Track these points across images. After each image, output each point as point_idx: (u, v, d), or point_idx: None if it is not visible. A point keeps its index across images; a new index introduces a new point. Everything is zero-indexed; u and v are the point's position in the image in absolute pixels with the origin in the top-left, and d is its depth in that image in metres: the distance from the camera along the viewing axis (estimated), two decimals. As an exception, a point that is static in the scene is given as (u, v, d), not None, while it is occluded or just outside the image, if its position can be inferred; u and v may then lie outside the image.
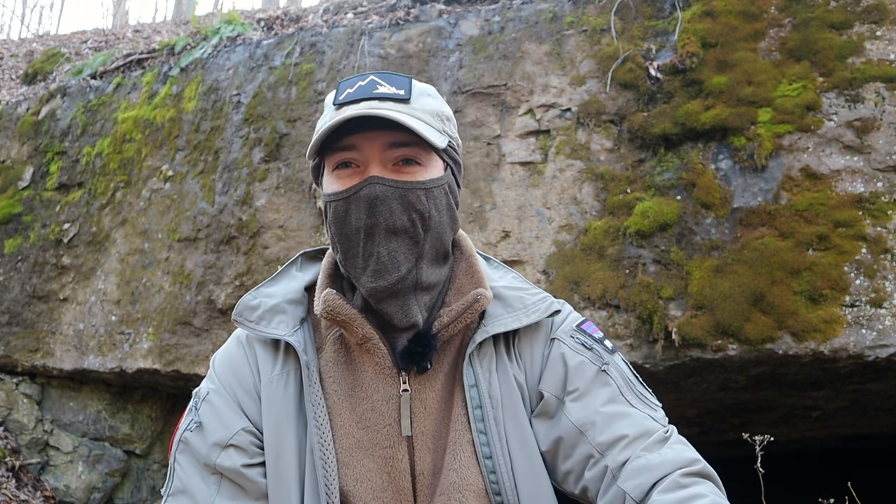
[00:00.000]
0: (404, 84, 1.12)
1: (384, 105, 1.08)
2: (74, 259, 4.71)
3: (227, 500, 1.11)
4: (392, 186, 1.09)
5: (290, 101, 4.25)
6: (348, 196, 1.10)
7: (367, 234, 1.09)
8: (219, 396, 1.18)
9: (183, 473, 1.14)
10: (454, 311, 1.14)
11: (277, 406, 1.14)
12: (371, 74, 1.13)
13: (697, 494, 0.98)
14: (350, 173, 1.11)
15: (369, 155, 1.10)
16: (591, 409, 1.10)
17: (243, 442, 1.13)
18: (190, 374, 4.09)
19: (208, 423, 1.15)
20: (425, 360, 1.12)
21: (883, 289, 2.88)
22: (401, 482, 1.11)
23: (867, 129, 3.07)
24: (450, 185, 1.17)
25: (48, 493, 4.52)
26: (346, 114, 1.07)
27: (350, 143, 1.10)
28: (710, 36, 3.45)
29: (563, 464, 1.12)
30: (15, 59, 7.21)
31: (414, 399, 1.13)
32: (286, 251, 3.98)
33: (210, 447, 1.13)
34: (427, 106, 1.14)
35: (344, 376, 1.16)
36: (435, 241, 1.15)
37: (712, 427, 4.53)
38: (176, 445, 1.16)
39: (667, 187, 3.30)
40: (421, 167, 1.12)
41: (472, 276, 1.20)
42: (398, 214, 1.09)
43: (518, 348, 1.19)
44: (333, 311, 1.12)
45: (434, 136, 1.10)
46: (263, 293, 1.22)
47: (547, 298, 1.21)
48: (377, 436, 1.12)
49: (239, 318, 1.19)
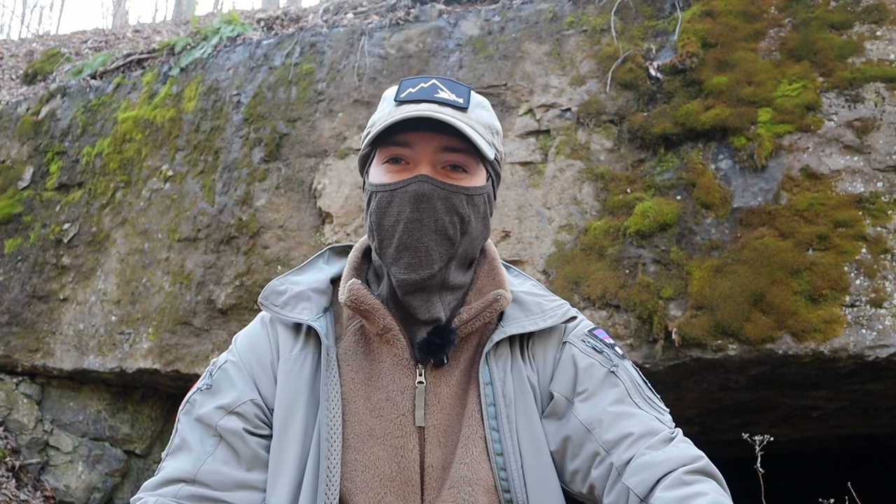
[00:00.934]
0: (464, 93, 1.17)
1: (444, 110, 1.12)
2: (74, 259, 4.71)
3: (220, 462, 1.13)
4: (439, 187, 1.13)
5: (290, 101, 4.25)
6: (395, 189, 1.14)
7: (406, 228, 1.13)
8: (235, 367, 1.22)
9: (183, 430, 1.17)
10: (474, 309, 1.18)
11: (290, 384, 1.17)
12: (433, 78, 1.17)
13: (700, 492, 0.99)
14: (400, 169, 1.15)
15: (422, 154, 1.14)
16: (599, 409, 1.13)
17: (248, 412, 1.17)
18: (190, 374, 4.09)
19: (219, 387, 1.19)
20: (442, 353, 1.15)
21: (883, 289, 2.88)
22: (409, 473, 1.13)
23: (867, 129, 3.07)
24: (489, 195, 1.22)
25: (48, 493, 4.52)
26: (408, 111, 1.11)
27: (405, 140, 1.14)
28: (710, 36, 3.45)
29: (571, 463, 1.14)
30: (15, 59, 7.21)
31: (429, 391, 1.16)
32: (286, 251, 3.98)
33: (215, 409, 1.16)
34: (482, 118, 1.19)
35: (361, 365, 1.19)
36: (468, 246, 1.19)
37: (712, 427, 4.53)
38: (182, 406, 1.20)
39: (667, 187, 3.30)
40: (467, 175, 1.16)
41: (494, 279, 1.24)
42: (441, 214, 1.13)
43: (532, 351, 1.22)
44: (357, 301, 1.16)
45: (485, 147, 1.15)
46: (290, 280, 1.27)
47: (564, 305, 1.25)
48: (389, 425, 1.14)
49: (265, 302, 1.23)
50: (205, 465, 1.12)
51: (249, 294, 3.97)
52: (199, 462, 1.12)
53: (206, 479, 1.11)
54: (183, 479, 1.11)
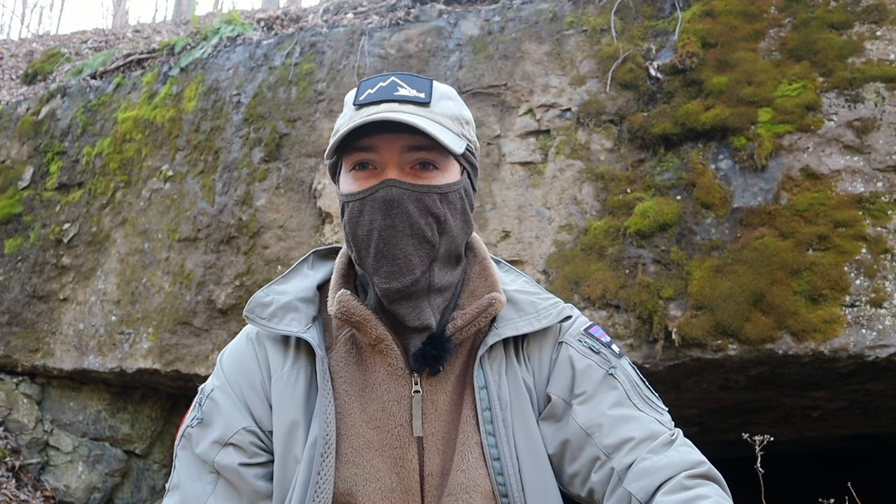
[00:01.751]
0: (425, 87, 1.12)
1: (404, 108, 1.09)
2: (74, 259, 4.71)
3: (221, 500, 1.11)
4: (408, 190, 1.09)
5: (290, 101, 4.25)
6: (364, 197, 1.10)
7: (380, 236, 1.09)
8: (223, 394, 1.18)
9: (182, 469, 1.15)
10: (468, 315, 1.14)
11: (286, 403, 1.14)
12: (392, 76, 1.12)
13: (701, 496, 0.99)
14: (367, 175, 1.11)
15: (387, 157, 1.10)
16: (598, 412, 1.11)
17: (243, 441, 1.14)
18: (190, 374, 4.09)
19: (210, 419, 1.16)
20: (440, 363, 1.12)
21: (883, 289, 2.88)
22: (409, 482, 1.11)
23: (867, 129, 3.07)
24: (466, 189, 1.18)
25: (48, 493, 4.52)
26: (365, 116, 1.07)
27: (368, 144, 1.10)
28: (710, 36, 3.45)
29: (570, 466, 1.12)
30: (15, 59, 7.21)
31: (425, 400, 1.14)
32: (286, 251, 3.98)
33: (210, 444, 1.14)
34: (447, 110, 1.14)
35: (354, 376, 1.16)
36: (449, 245, 1.15)
37: (712, 427, 4.53)
38: (178, 440, 1.18)
39: (667, 187, 3.30)
40: (438, 171, 1.12)
41: (486, 280, 1.21)
42: (415, 217, 1.09)
43: (527, 351, 1.20)
44: (348, 313, 1.12)
45: (452, 142, 1.10)
46: (275, 290, 1.22)
47: (558, 304, 1.22)
48: (388, 436, 1.12)
49: (251, 315, 1.19)
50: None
51: (249, 294, 3.97)
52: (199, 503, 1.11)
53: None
54: None
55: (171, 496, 1.14)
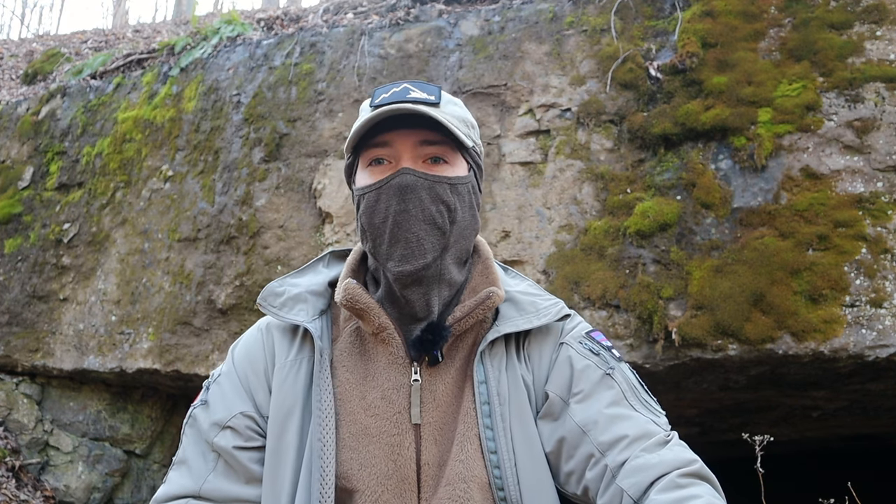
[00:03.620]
0: (434, 91, 1.20)
1: (417, 107, 1.15)
2: (74, 259, 4.71)
3: (220, 477, 1.18)
4: (422, 178, 1.16)
5: (290, 101, 4.25)
6: (380, 186, 1.17)
7: (395, 221, 1.15)
8: (228, 379, 1.25)
9: (188, 446, 1.22)
10: (467, 307, 1.19)
11: (286, 392, 1.19)
12: (404, 82, 1.21)
13: (694, 495, 1.00)
14: (383, 169, 1.18)
15: (402, 150, 1.17)
16: (595, 410, 1.13)
17: (239, 425, 1.20)
18: (190, 374, 4.09)
19: (213, 402, 1.23)
20: (435, 349, 1.16)
21: (883, 289, 2.88)
22: (406, 470, 1.14)
23: (867, 129, 3.07)
24: (473, 185, 1.24)
25: (48, 493, 4.52)
26: (383, 110, 1.14)
27: (384, 139, 1.17)
28: (710, 36, 3.45)
29: (566, 464, 1.14)
30: (15, 59, 7.21)
31: (424, 389, 1.17)
32: (286, 251, 3.98)
33: (210, 425, 1.21)
34: (455, 112, 1.22)
35: (357, 365, 1.21)
36: (459, 237, 1.21)
37: (712, 427, 4.53)
38: (187, 419, 1.25)
39: (667, 187, 3.30)
40: (448, 165, 1.19)
41: (487, 277, 1.26)
42: (427, 203, 1.15)
43: (527, 350, 1.23)
44: (352, 300, 1.18)
45: (462, 136, 1.18)
46: (289, 282, 1.29)
47: (558, 304, 1.26)
48: (385, 423, 1.16)
49: (263, 303, 1.26)
50: (206, 481, 1.17)
51: (249, 294, 3.97)
52: (201, 478, 1.18)
53: (209, 494, 1.17)
54: (189, 494, 1.17)
55: (177, 469, 1.21)
